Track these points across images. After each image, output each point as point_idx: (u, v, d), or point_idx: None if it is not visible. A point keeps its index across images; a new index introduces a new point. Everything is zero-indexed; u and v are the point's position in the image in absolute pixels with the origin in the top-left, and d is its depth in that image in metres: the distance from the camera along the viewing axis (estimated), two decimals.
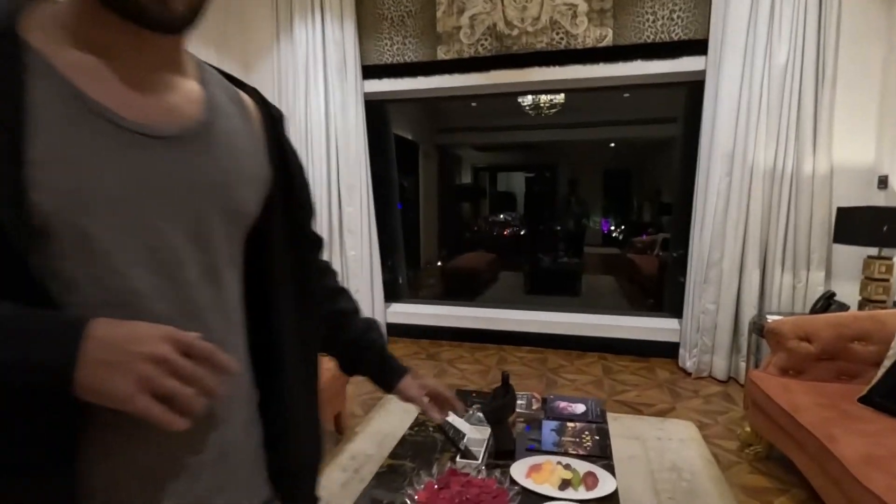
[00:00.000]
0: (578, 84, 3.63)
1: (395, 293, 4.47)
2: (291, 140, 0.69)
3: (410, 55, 3.75)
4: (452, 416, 1.65)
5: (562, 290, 6.66)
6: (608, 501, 1.32)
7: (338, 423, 2.52)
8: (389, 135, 4.50)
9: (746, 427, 2.42)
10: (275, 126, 0.66)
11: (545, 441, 1.61)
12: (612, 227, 10.48)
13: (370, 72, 3.83)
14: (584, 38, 3.43)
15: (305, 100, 3.81)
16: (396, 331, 4.16)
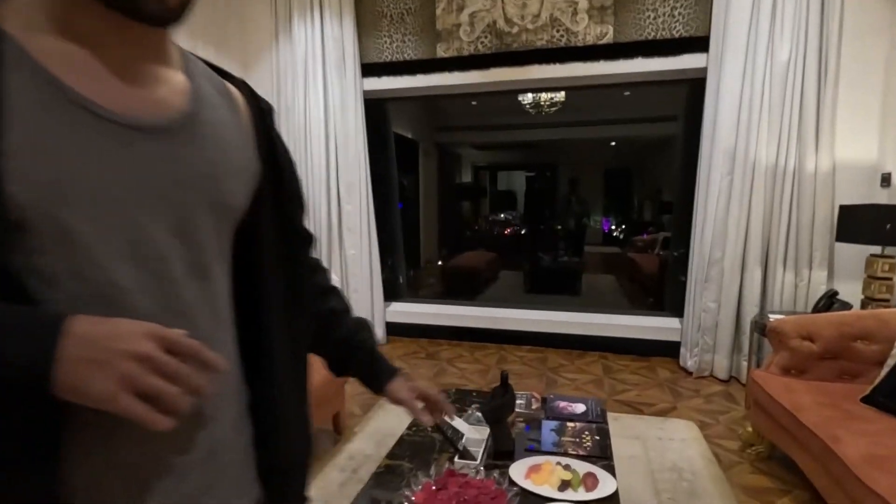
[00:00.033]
0: (579, 82, 3.62)
1: (395, 292, 4.46)
2: (283, 134, 0.68)
3: (410, 53, 3.73)
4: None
5: (562, 290, 6.65)
6: (608, 502, 1.31)
7: (336, 423, 2.51)
8: (389, 133, 4.48)
9: (748, 427, 2.41)
10: (264, 119, 0.64)
11: (544, 441, 1.59)
12: (613, 227, 10.46)
13: (369, 70, 3.82)
14: (585, 36, 3.42)
15: (304, 98, 3.80)
16: (396, 330, 4.15)
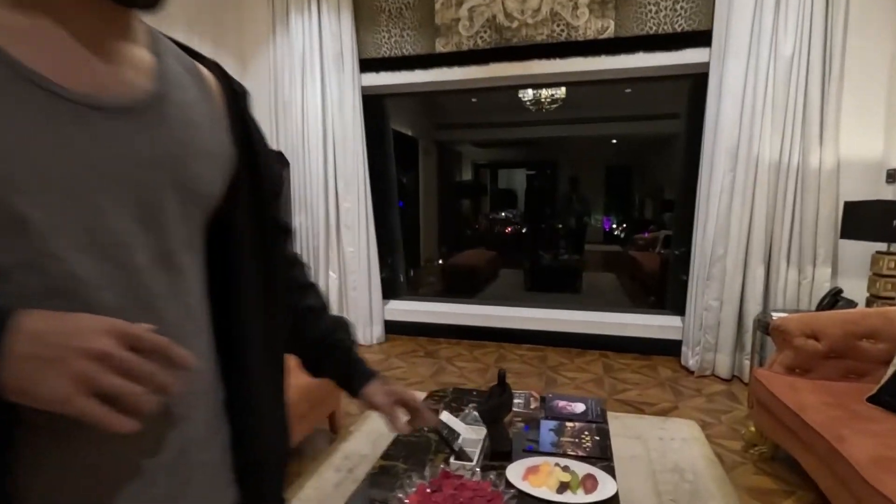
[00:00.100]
0: (579, 77, 3.58)
1: (395, 291, 4.42)
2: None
3: (408, 48, 3.69)
4: (447, 416, 1.60)
5: (562, 288, 6.61)
6: None
7: (332, 422, 2.47)
8: (388, 130, 4.44)
9: (751, 427, 2.37)
10: (237, 102, 0.61)
11: (543, 441, 1.56)
12: (614, 225, 10.42)
13: (368, 65, 3.78)
14: (586, 30, 3.37)
15: (302, 93, 3.76)
16: (394, 328, 4.12)
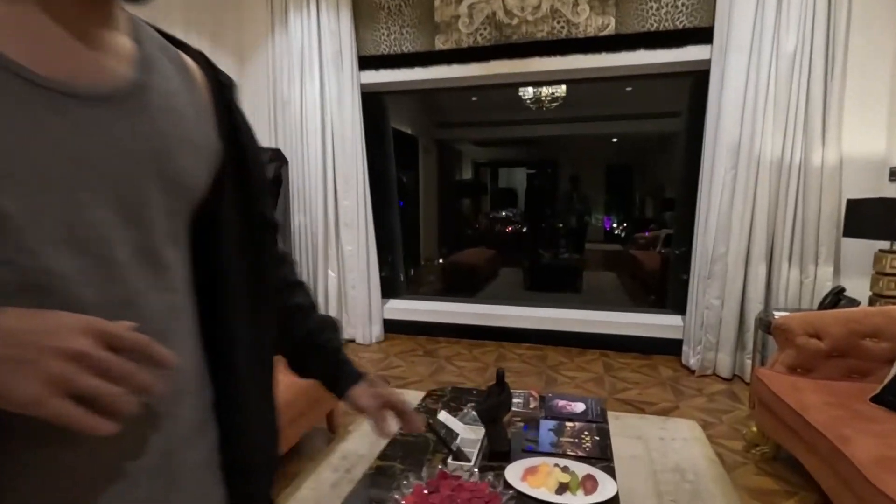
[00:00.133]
0: (580, 74, 3.56)
1: (395, 290, 4.40)
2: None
3: (408, 45, 3.67)
4: (445, 415, 1.58)
5: (563, 287, 6.59)
6: None
7: (330, 422, 2.45)
8: (387, 128, 4.42)
9: (752, 427, 2.35)
10: (224, 94, 0.59)
11: (542, 442, 1.54)
12: (615, 224, 10.39)
13: (367, 62, 3.76)
14: (586, 27, 3.35)
15: (301, 91, 3.74)
16: (394, 327, 4.10)
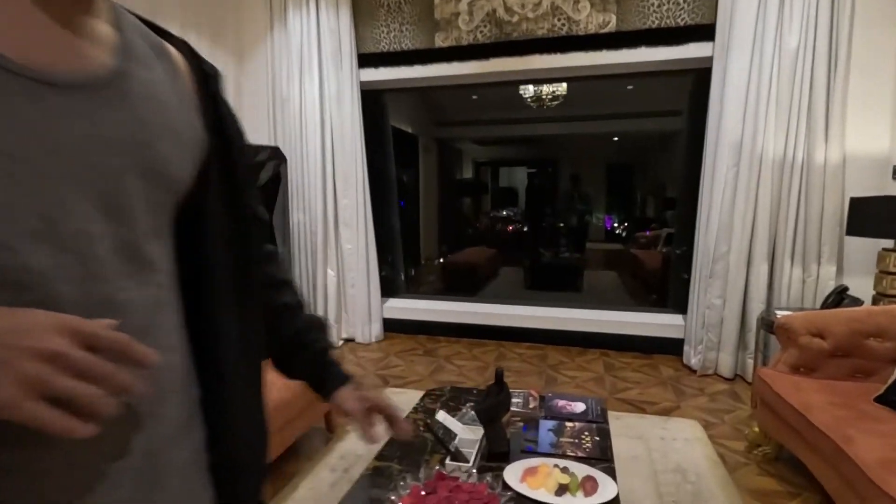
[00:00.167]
0: (581, 72, 3.53)
1: (395, 289, 4.38)
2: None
3: (408, 42, 3.65)
4: (443, 415, 1.56)
5: (563, 286, 6.56)
6: None
7: (328, 421, 2.44)
8: (387, 126, 4.40)
9: (754, 427, 2.32)
10: (208, 84, 0.57)
11: (542, 442, 1.52)
12: (615, 223, 10.35)
13: (366, 60, 3.73)
14: (587, 24, 3.32)
15: (300, 89, 3.72)
16: (393, 326, 4.08)
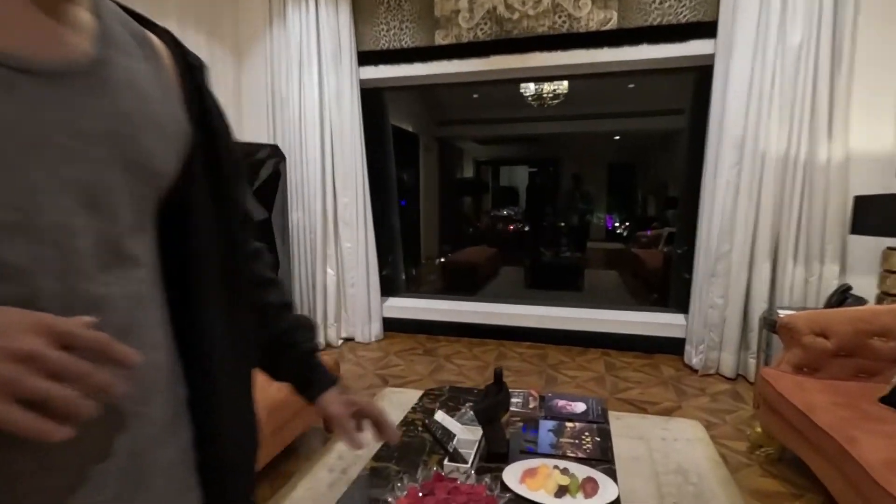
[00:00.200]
0: (582, 69, 3.51)
1: (395, 288, 4.36)
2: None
3: (408, 40, 3.63)
4: (442, 415, 1.54)
5: (564, 286, 6.54)
6: None
7: (326, 422, 2.41)
8: (387, 124, 4.38)
9: (757, 427, 2.30)
10: (193, 75, 0.55)
11: (541, 442, 1.49)
12: (616, 222, 10.33)
13: (366, 58, 3.71)
14: (588, 22, 3.30)
15: (299, 86, 3.70)
16: (393, 325, 4.06)
